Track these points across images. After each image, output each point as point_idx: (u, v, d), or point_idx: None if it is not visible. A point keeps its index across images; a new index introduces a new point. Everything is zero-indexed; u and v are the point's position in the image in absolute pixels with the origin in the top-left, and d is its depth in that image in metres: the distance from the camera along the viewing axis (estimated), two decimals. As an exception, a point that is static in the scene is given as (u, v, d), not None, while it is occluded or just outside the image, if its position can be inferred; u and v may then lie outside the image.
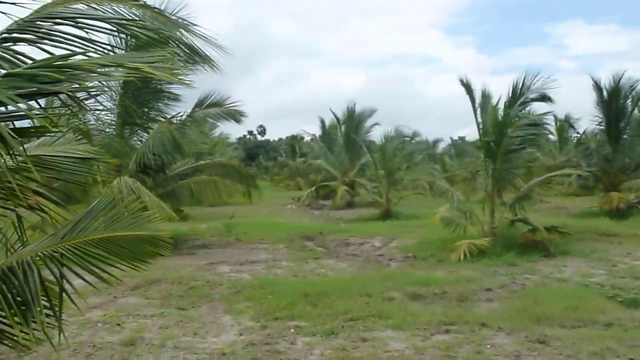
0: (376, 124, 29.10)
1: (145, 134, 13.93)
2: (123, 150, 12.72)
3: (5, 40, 3.51)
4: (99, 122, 12.37)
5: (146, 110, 13.54)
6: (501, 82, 68.03)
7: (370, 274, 11.08)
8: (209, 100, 14.18)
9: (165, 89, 13.42)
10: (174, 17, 4.01)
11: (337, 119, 29.69)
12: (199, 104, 14.19)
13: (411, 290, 9.30)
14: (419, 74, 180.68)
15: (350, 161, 28.50)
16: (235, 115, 14.49)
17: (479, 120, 14.46)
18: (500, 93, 14.41)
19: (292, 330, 7.19)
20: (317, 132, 34.92)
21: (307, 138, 43.58)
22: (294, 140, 54.24)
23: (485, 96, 14.67)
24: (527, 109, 13.91)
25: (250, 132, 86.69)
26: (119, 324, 7.37)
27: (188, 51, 3.82)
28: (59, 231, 3.49)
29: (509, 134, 13.12)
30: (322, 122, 32.51)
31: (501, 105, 13.99)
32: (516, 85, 13.67)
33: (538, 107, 14.13)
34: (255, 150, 71.18)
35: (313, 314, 7.81)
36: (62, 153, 4.17)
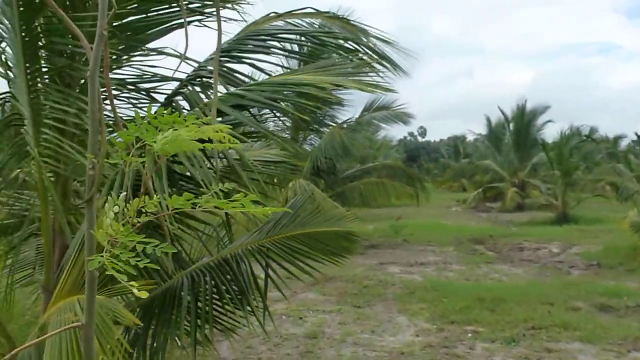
0: (549, 121, 27.18)
1: (317, 138, 14.60)
2: (297, 154, 13.45)
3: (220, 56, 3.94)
4: (277, 127, 13.24)
5: (318, 115, 14.19)
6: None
7: (550, 281, 10.42)
8: (377, 104, 14.45)
9: (334, 94, 13.92)
10: (360, 25, 4.15)
11: (505, 116, 28.31)
12: (367, 108, 14.53)
13: (599, 301, 8.59)
14: (596, 64, 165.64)
15: (520, 161, 26.99)
16: (403, 118, 14.58)
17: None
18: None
19: (470, 334, 7.03)
20: (483, 131, 33.58)
21: (470, 138, 42.20)
22: (457, 141, 52.83)
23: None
24: None
25: (411, 134, 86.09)
26: (300, 318, 7.82)
27: (375, 56, 3.95)
28: (263, 227, 3.82)
29: None
30: (488, 120, 31.18)
31: None
32: None
33: None
34: (416, 152, 70.60)
35: (491, 320, 7.57)
36: (259, 157, 4.58)
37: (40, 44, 3.56)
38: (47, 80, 3.63)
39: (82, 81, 3.74)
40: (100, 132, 1.08)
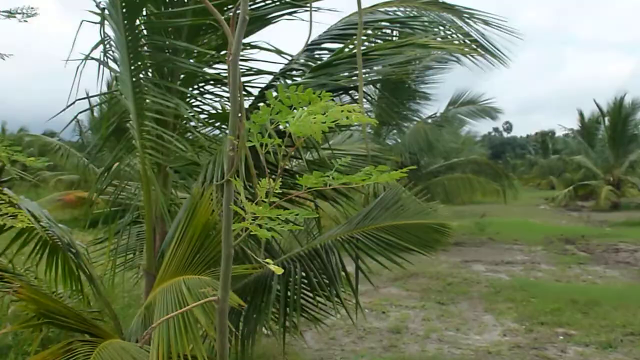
0: (649, 114, 25.32)
1: (400, 133, 14.45)
2: (381, 149, 13.39)
3: (310, 49, 4.00)
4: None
5: (401, 109, 14.05)
6: None
7: (650, 285, 9.77)
8: (462, 98, 14.09)
9: (418, 88, 13.73)
10: (463, 9, 4.00)
11: (601, 110, 26.69)
12: (453, 102, 14.20)
13: None
14: None
15: (615, 158, 25.39)
16: (491, 113, 14.13)
17: None
18: None
19: (561, 337, 6.73)
20: (574, 126, 31.83)
21: (559, 133, 40.26)
22: (546, 136, 50.54)
23: None
24: None
25: (496, 129, 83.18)
26: (384, 312, 7.80)
27: (473, 44, 3.84)
28: (352, 220, 3.85)
29: None
30: (581, 115, 29.54)
31: None
32: None
33: None
34: (500, 148, 68.14)
35: (584, 323, 7.20)
36: (350, 151, 4.62)
37: (142, 41, 3.76)
38: (149, 76, 3.83)
39: (182, 76, 3.92)
40: (240, 115, 1.14)
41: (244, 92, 4.07)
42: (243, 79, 4.04)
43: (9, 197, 3.27)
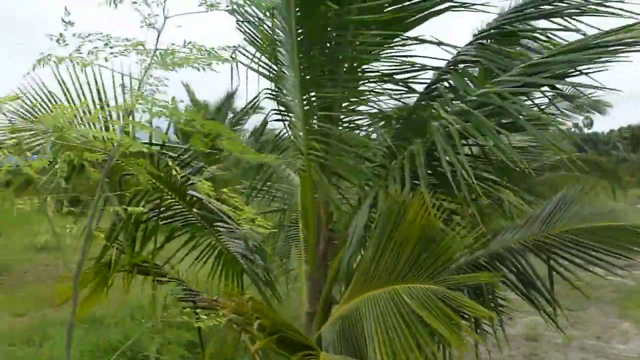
0: None
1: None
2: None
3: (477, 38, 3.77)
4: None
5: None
6: None
7: None
8: (565, 91, 13.31)
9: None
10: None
11: None
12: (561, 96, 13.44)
13: None
14: None
15: None
16: (598, 107, 13.23)
17: None
18: None
19: None
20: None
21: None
22: (635, 130, 47.78)
23: None
24: None
25: (576, 125, 79.26)
26: (510, 318, 7.41)
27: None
28: (532, 221, 3.59)
29: None
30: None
31: None
32: None
33: None
34: (580, 145, 64.68)
35: None
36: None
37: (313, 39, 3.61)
38: (317, 73, 3.69)
39: (344, 71, 3.77)
40: None
41: (406, 89, 3.89)
42: (405, 75, 3.87)
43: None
